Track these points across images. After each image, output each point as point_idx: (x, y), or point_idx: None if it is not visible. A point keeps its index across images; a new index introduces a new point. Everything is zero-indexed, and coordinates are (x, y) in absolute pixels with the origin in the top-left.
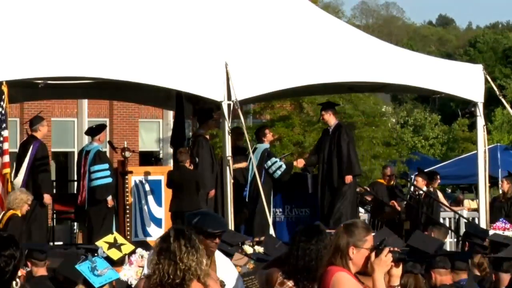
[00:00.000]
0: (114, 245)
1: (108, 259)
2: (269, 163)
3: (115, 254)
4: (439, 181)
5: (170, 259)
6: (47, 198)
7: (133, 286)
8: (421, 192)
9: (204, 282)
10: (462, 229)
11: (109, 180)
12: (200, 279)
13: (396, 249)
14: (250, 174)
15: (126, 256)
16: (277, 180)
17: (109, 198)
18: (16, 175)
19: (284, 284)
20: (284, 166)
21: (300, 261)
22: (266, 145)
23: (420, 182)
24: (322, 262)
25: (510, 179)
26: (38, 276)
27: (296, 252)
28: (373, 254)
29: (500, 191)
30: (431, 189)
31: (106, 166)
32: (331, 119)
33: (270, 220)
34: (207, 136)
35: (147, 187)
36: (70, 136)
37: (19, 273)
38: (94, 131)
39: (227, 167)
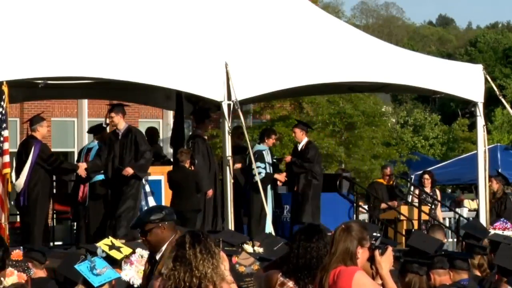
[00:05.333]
0: (114, 247)
1: (108, 259)
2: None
3: (117, 255)
4: (429, 180)
5: (186, 266)
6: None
7: (135, 286)
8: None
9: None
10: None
11: None
12: (216, 285)
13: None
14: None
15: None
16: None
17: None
18: (17, 176)
19: (285, 284)
20: (263, 175)
21: (301, 259)
22: (263, 147)
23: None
24: (322, 261)
25: (498, 179)
26: (37, 278)
27: (297, 250)
28: (377, 253)
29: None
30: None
31: None
32: (121, 122)
33: (270, 220)
34: (205, 137)
35: (147, 187)
36: (70, 136)
37: (24, 277)
38: (94, 130)
39: (227, 167)
